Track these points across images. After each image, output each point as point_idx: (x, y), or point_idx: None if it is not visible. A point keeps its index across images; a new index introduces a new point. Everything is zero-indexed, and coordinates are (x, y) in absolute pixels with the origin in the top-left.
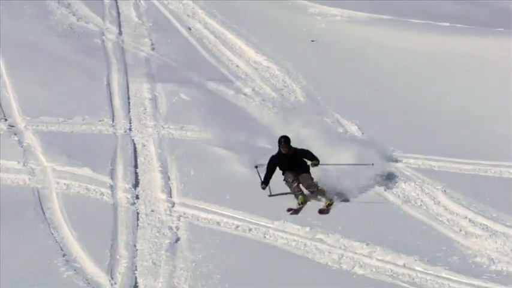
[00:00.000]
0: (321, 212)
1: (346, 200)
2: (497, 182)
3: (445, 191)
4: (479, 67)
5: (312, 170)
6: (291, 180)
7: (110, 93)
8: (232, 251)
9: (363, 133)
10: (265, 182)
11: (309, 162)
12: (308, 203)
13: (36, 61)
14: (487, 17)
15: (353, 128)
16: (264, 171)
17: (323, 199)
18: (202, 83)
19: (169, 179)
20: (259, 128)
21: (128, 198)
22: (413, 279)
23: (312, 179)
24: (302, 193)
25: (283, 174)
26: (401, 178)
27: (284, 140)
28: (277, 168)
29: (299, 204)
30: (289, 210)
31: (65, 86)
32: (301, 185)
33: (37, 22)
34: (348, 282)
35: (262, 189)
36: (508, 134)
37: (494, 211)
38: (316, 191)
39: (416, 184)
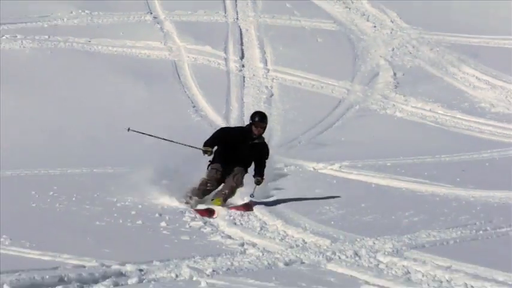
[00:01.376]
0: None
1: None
2: (497, 51)
3: (458, 58)
4: None
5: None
6: (215, 173)
7: None
8: (310, 103)
9: (400, 18)
10: (211, 146)
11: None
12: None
13: None
14: None
15: (393, 14)
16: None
17: (219, 198)
18: None
19: (265, 53)
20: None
21: (236, 66)
22: (436, 119)
23: (242, 178)
24: (201, 195)
25: (217, 152)
26: (428, 47)
27: (260, 118)
28: (221, 144)
29: (187, 200)
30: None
31: None
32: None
33: None
34: (391, 123)
35: (204, 153)
36: (508, 16)
37: (495, 71)
38: (231, 188)
39: (439, 53)
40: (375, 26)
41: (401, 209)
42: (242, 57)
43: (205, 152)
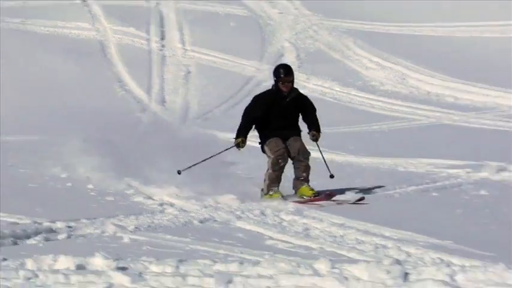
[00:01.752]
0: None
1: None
2: (386, 36)
3: (354, 42)
4: None
5: None
6: (279, 147)
7: None
8: (223, 79)
9: (303, 5)
10: (243, 134)
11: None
12: None
13: None
14: None
15: (297, 2)
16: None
17: (306, 187)
18: None
19: (183, 34)
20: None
21: (157, 46)
22: (334, 95)
23: (305, 146)
24: (278, 183)
25: (260, 131)
26: (327, 32)
27: (285, 72)
28: (257, 120)
29: (266, 194)
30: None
31: None
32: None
33: None
34: None
35: (237, 147)
36: (395, 4)
37: (385, 53)
38: (305, 168)
39: (336, 37)
40: (281, 13)
41: None
42: (163, 38)
43: (237, 145)
